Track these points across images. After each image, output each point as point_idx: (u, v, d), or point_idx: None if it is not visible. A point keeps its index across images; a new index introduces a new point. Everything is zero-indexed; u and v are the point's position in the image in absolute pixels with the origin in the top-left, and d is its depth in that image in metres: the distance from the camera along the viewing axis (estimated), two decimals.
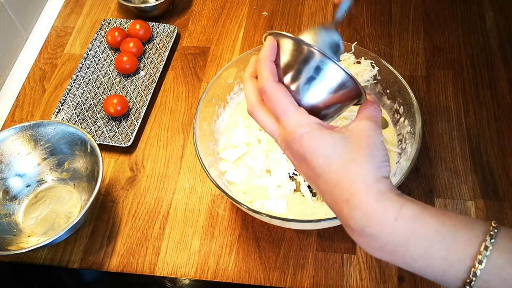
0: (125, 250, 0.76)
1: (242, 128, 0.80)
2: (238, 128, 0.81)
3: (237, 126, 0.81)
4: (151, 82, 0.93)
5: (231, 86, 0.83)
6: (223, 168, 0.77)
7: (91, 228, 0.79)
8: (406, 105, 0.75)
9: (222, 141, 0.81)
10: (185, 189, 0.82)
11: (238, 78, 0.83)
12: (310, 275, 0.72)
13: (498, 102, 0.87)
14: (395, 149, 0.76)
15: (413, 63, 0.93)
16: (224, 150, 0.79)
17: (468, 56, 0.93)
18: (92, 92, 0.93)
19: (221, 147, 0.80)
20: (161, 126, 0.90)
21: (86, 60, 0.97)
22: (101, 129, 0.88)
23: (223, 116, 0.83)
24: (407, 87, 0.74)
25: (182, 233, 0.77)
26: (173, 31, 0.99)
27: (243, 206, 0.67)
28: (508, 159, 0.80)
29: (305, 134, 0.48)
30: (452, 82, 0.90)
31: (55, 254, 0.77)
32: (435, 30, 0.97)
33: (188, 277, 0.73)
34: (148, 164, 0.85)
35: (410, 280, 0.70)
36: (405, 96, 0.75)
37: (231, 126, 0.82)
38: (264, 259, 0.74)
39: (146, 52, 0.98)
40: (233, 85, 0.83)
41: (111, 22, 1.02)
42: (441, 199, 0.77)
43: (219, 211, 0.79)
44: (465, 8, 0.99)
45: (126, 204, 0.81)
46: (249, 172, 0.76)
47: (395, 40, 0.96)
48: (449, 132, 0.84)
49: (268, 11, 1.04)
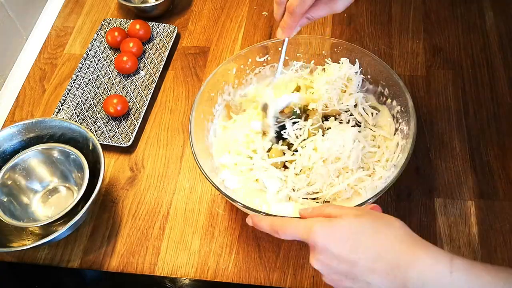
0: (125, 250, 0.76)
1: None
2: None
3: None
4: (151, 82, 0.93)
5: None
6: (222, 176, 0.76)
7: (91, 228, 0.79)
8: (391, 86, 0.76)
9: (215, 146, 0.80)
10: (185, 189, 0.82)
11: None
12: (310, 275, 0.72)
13: (498, 102, 0.87)
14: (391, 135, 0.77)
15: (413, 63, 0.93)
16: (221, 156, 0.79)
17: (468, 56, 0.93)
18: (92, 92, 0.93)
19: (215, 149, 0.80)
20: (161, 126, 0.90)
21: (86, 60, 0.97)
22: (101, 129, 0.88)
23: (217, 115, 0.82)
24: (389, 68, 0.75)
25: (182, 233, 0.77)
26: (173, 31, 0.99)
27: (238, 204, 0.67)
28: (508, 159, 0.80)
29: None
30: (452, 82, 0.90)
31: (55, 254, 0.77)
32: (435, 30, 0.97)
33: (188, 277, 0.73)
34: (148, 164, 0.85)
35: None
36: (388, 78, 0.76)
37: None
38: (264, 259, 0.74)
39: (146, 52, 0.98)
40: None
41: (111, 22, 1.02)
42: (441, 199, 0.77)
43: (219, 211, 0.79)
44: (465, 8, 0.99)
45: (126, 204, 0.81)
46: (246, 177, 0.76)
47: (395, 40, 0.96)
48: (449, 132, 0.84)
49: (268, 11, 1.04)
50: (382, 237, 0.50)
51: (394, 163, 0.72)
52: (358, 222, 0.52)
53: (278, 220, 0.57)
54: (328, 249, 0.51)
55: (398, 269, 0.48)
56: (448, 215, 0.76)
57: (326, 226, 0.52)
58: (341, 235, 0.51)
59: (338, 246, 0.50)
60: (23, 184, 0.79)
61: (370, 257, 0.50)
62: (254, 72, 0.84)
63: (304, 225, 0.53)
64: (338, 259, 0.51)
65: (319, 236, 0.51)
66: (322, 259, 0.52)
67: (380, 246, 0.50)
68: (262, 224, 0.58)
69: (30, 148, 0.79)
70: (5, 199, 0.75)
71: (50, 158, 0.80)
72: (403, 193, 0.78)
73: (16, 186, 0.78)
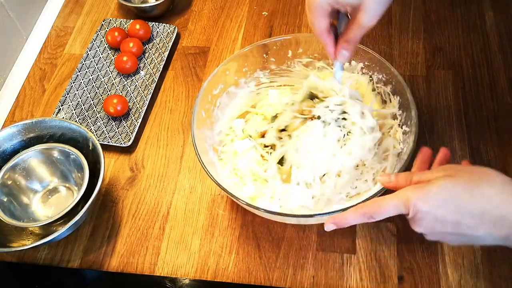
0: (125, 250, 0.76)
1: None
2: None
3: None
4: (151, 82, 0.93)
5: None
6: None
7: (91, 228, 0.79)
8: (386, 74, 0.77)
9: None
10: (185, 189, 0.82)
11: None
12: (310, 275, 0.72)
13: (498, 102, 0.87)
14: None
15: (413, 63, 0.93)
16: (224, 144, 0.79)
17: (468, 56, 0.93)
18: (92, 92, 0.93)
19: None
20: (161, 126, 0.90)
21: (86, 60, 0.97)
22: (101, 129, 0.88)
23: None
24: (383, 60, 0.76)
25: (182, 233, 0.77)
26: (173, 31, 0.99)
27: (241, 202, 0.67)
28: (508, 159, 0.80)
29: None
30: (452, 82, 0.90)
31: (55, 254, 0.77)
32: (435, 30, 0.97)
33: (188, 277, 0.73)
34: (148, 164, 0.85)
35: (410, 280, 0.70)
36: (384, 69, 0.77)
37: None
38: (264, 259, 0.74)
39: (146, 52, 0.98)
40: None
41: (111, 22, 1.02)
42: None
43: (219, 211, 0.79)
44: (465, 8, 0.99)
45: (126, 204, 0.81)
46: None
47: (395, 40, 0.96)
48: (449, 132, 0.84)
49: (268, 11, 1.04)
50: (481, 192, 0.51)
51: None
52: (453, 183, 0.52)
53: (368, 205, 0.57)
54: (431, 213, 0.52)
55: (503, 218, 0.50)
56: None
57: (422, 194, 0.52)
58: (441, 199, 0.52)
59: (441, 210, 0.51)
60: (23, 184, 0.79)
61: (473, 214, 0.51)
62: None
63: (398, 199, 0.54)
64: (443, 222, 0.52)
65: (419, 205, 0.52)
66: (426, 223, 0.53)
67: (481, 201, 0.51)
68: (350, 220, 0.58)
69: (30, 148, 0.79)
70: (5, 199, 0.76)
71: (50, 158, 0.80)
72: None
73: (16, 186, 0.78)
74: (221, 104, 0.82)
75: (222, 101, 0.82)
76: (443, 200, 0.52)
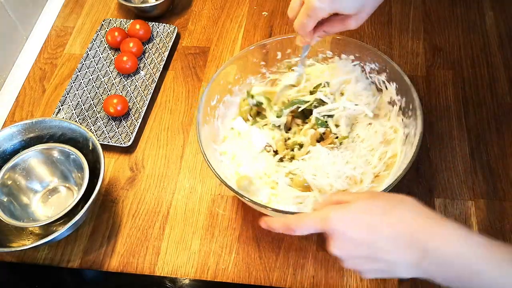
0: (125, 250, 0.76)
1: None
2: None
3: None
4: (151, 82, 0.93)
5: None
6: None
7: (91, 228, 0.79)
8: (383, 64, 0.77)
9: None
10: (185, 189, 0.82)
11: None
12: (310, 275, 0.72)
13: (498, 102, 0.87)
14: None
15: (413, 63, 0.93)
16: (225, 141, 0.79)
17: (468, 56, 0.93)
18: (92, 92, 0.93)
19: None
20: (161, 126, 0.90)
21: (86, 60, 0.97)
22: (101, 129, 0.88)
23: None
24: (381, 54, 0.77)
25: (182, 233, 0.77)
26: (173, 31, 0.99)
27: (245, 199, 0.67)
28: (508, 159, 0.80)
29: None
30: (452, 82, 0.90)
31: (55, 254, 0.77)
32: (435, 30, 0.97)
33: (188, 277, 0.73)
34: (148, 164, 0.85)
35: (410, 280, 0.70)
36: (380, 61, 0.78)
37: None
38: (264, 259, 0.74)
39: (146, 52, 0.98)
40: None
41: (111, 22, 1.02)
42: (441, 199, 0.77)
43: (219, 211, 0.79)
44: (465, 8, 0.99)
45: (126, 204, 0.81)
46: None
47: (395, 40, 0.96)
48: (449, 132, 0.84)
49: (268, 11, 1.04)
50: (397, 215, 0.51)
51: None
52: (371, 204, 0.52)
53: (291, 217, 0.56)
54: (346, 233, 0.51)
55: (417, 243, 0.49)
56: (448, 215, 0.75)
57: (340, 212, 0.52)
58: (357, 218, 0.51)
59: (355, 230, 0.51)
60: (23, 184, 0.79)
61: (388, 236, 0.50)
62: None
63: (317, 215, 0.54)
64: (357, 242, 0.51)
65: (335, 222, 0.52)
66: (341, 245, 0.52)
67: (396, 224, 0.50)
68: (275, 226, 0.58)
69: (30, 148, 0.79)
70: (5, 199, 0.75)
71: (50, 158, 0.80)
72: (403, 193, 0.78)
73: (16, 186, 0.78)
74: (219, 115, 0.81)
75: (220, 112, 0.81)
76: (359, 220, 0.51)
